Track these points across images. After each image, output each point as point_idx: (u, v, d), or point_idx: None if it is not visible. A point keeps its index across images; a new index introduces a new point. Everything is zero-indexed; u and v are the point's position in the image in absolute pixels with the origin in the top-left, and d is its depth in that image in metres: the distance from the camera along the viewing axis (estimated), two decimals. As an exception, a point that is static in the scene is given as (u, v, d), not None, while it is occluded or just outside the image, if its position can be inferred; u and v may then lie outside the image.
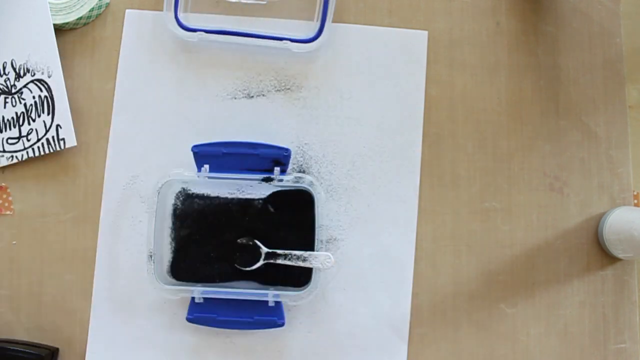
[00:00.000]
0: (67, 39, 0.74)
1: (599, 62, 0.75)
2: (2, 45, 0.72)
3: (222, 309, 0.69)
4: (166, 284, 0.70)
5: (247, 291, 0.70)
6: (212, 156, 0.70)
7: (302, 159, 0.74)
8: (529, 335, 0.73)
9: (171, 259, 0.72)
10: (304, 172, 0.73)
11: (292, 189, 0.71)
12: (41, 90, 0.72)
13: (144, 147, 0.73)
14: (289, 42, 0.72)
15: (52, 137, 0.72)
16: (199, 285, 0.71)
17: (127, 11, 0.75)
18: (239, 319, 0.69)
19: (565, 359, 0.73)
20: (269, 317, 0.69)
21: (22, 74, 0.72)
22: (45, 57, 0.72)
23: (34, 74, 0.72)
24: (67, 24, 0.73)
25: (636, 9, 0.77)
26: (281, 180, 0.70)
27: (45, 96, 0.72)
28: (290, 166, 0.72)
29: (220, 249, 0.71)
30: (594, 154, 0.75)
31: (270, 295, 0.69)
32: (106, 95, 0.74)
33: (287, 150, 0.70)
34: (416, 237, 0.73)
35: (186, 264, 0.72)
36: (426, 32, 0.75)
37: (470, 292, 0.73)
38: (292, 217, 0.71)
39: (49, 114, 0.72)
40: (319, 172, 0.74)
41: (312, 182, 0.69)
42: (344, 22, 0.75)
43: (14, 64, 0.72)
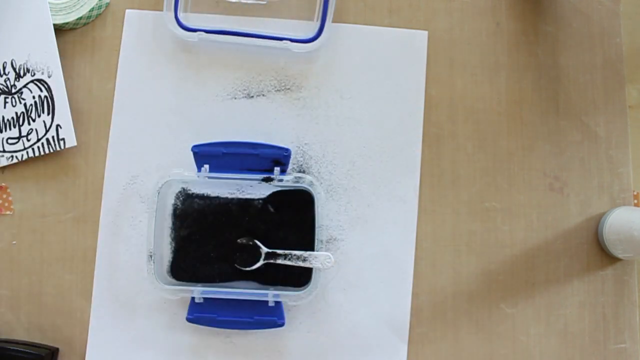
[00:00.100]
0: (67, 39, 0.74)
1: (599, 62, 0.75)
2: (2, 45, 0.72)
3: (222, 309, 0.69)
4: (166, 284, 0.70)
5: (247, 291, 0.70)
6: (212, 156, 0.70)
7: (302, 159, 0.74)
8: (529, 335, 0.73)
9: (171, 259, 0.72)
10: (304, 172, 0.73)
11: (292, 189, 0.71)
12: (41, 90, 0.72)
13: (144, 147, 0.73)
14: (289, 42, 0.72)
15: (52, 137, 0.72)
16: (199, 285, 0.71)
17: (127, 11, 0.75)
18: (239, 319, 0.69)
19: (565, 359, 0.73)
20: (269, 317, 0.69)
21: (22, 74, 0.72)
22: (45, 57, 0.72)
23: (34, 74, 0.72)
24: (67, 24, 0.73)
25: (636, 9, 0.77)
26: (281, 180, 0.70)
27: (45, 96, 0.72)
28: (290, 166, 0.72)
29: (220, 249, 0.71)
30: (594, 154, 0.75)
31: (270, 295, 0.69)
32: (106, 95, 0.74)
33: (287, 150, 0.70)
34: (416, 237, 0.73)
35: (186, 264, 0.72)
36: (426, 32, 0.75)
37: (470, 292, 0.73)
38: (292, 217, 0.71)
39: (49, 114, 0.72)
40: (319, 172, 0.74)
41: (312, 182, 0.69)
42: (344, 22, 0.75)
43: (14, 64, 0.72)
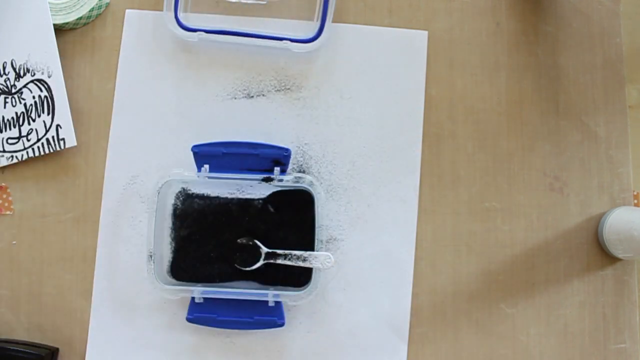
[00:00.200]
0: (67, 39, 0.74)
1: (599, 62, 0.75)
2: (2, 45, 0.72)
3: (222, 309, 0.69)
4: (166, 284, 0.70)
5: (247, 291, 0.70)
6: (212, 156, 0.70)
7: (302, 159, 0.74)
8: (529, 335, 0.73)
9: (171, 259, 0.72)
10: (304, 172, 0.73)
11: (292, 189, 0.71)
12: (41, 90, 0.72)
13: (144, 147, 0.73)
14: (289, 42, 0.72)
15: (52, 137, 0.72)
16: (199, 285, 0.71)
17: (127, 11, 0.75)
18: (239, 319, 0.69)
19: (565, 359, 0.73)
20: (269, 317, 0.69)
21: (22, 74, 0.72)
22: (45, 57, 0.72)
23: (34, 74, 0.72)
24: (67, 24, 0.73)
25: (636, 9, 0.77)
26: (281, 180, 0.70)
27: (45, 96, 0.72)
28: (290, 166, 0.72)
29: (220, 249, 0.71)
30: (594, 154, 0.75)
31: (270, 295, 0.69)
32: (106, 95, 0.74)
33: (287, 150, 0.70)
34: (416, 237, 0.73)
35: (186, 264, 0.72)
36: (426, 32, 0.75)
37: (470, 292, 0.73)
38: (292, 217, 0.71)
39: (49, 114, 0.72)
40: (319, 172, 0.74)
41: (312, 182, 0.69)
42: (344, 22, 0.75)
43: (14, 64, 0.72)
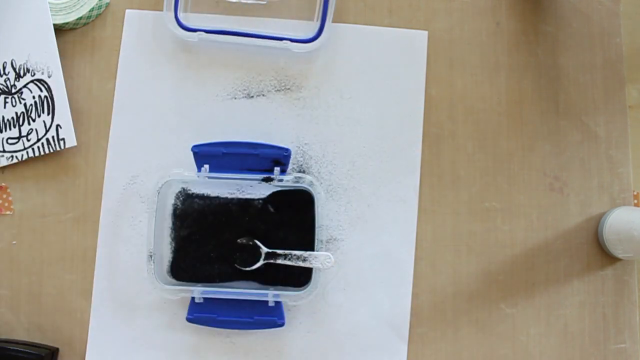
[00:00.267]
0: (67, 39, 0.74)
1: (599, 62, 0.75)
2: (2, 45, 0.72)
3: (222, 309, 0.69)
4: (166, 284, 0.70)
5: (247, 291, 0.70)
6: (212, 156, 0.70)
7: (302, 159, 0.74)
8: (529, 335, 0.73)
9: (171, 259, 0.72)
10: (304, 172, 0.73)
11: (292, 189, 0.71)
12: (41, 90, 0.72)
13: (144, 147, 0.73)
14: (289, 42, 0.72)
15: (52, 137, 0.72)
16: (199, 285, 0.71)
17: (127, 11, 0.75)
18: (239, 319, 0.69)
19: (565, 359, 0.73)
20: (269, 317, 0.69)
21: (22, 74, 0.72)
22: (45, 57, 0.72)
23: (34, 74, 0.72)
24: (67, 24, 0.73)
25: (636, 9, 0.77)
26: (281, 180, 0.70)
27: (45, 96, 0.72)
28: (290, 166, 0.72)
29: (220, 249, 0.71)
30: (594, 154, 0.75)
31: (270, 295, 0.69)
32: (106, 95, 0.74)
33: (287, 150, 0.70)
34: (416, 237, 0.73)
35: (186, 264, 0.72)
36: (426, 32, 0.75)
37: (470, 292, 0.73)
38: (292, 217, 0.71)
39: (49, 114, 0.72)
40: (319, 172, 0.74)
41: (312, 182, 0.69)
42: (344, 22, 0.75)
43: (14, 64, 0.72)
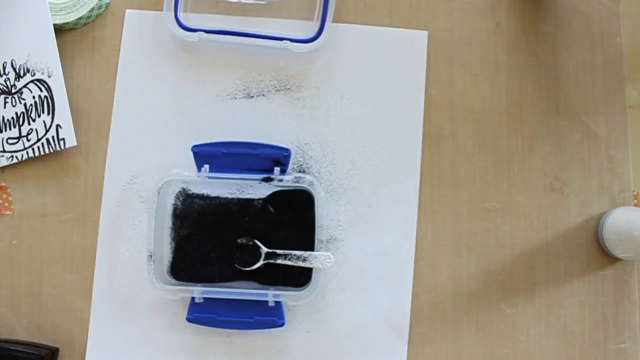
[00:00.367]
0: (67, 39, 0.74)
1: (599, 62, 0.75)
2: (2, 45, 0.72)
3: (222, 309, 0.69)
4: (166, 284, 0.70)
5: (247, 291, 0.70)
6: (212, 156, 0.70)
7: (302, 159, 0.74)
8: (529, 335, 0.73)
9: (171, 259, 0.72)
10: (304, 172, 0.73)
11: (292, 189, 0.71)
12: (41, 90, 0.72)
13: (144, 147, 0.73)
14: (289, 42, 0.72)
15: (52, 137, 0.72)
16: (199, 285, 0.71)
17: (127, 11, 0.75)
18: (239, 319, 0.69)
19: (565, 359, 0.73)
20: (269, 317, 0.69)
21: (22, 74, 0.72)
22: (45, 57, 0.72)
23: (34, 74, 0.72)
24: (67, 24, 0.73)
25: (636, 9, 0.77)
26: (281, 180, 0.70)
27: (45, 96, 0.72)
28: (290, 166, 0.72)
29: (220, 249, 0.71)
30: (594, 154, 0.75)
31: (270, 295, 0.69)
32: (106, 95, 0.74)
33: (287, 150, 0.70)
34: (416, 237, 0.73)
35: (186, 264, 0.72)
36: (426, 32, 0.75)
37: (470, 292, 0.73)
38: (292, 217, 0.71)
39: (49, 114, 0.72)
40: (319, 172, 0.74)
41: (312, 182, 0.69)
42: (344, 22, 0.75)
43: (14, 64, 0.72)
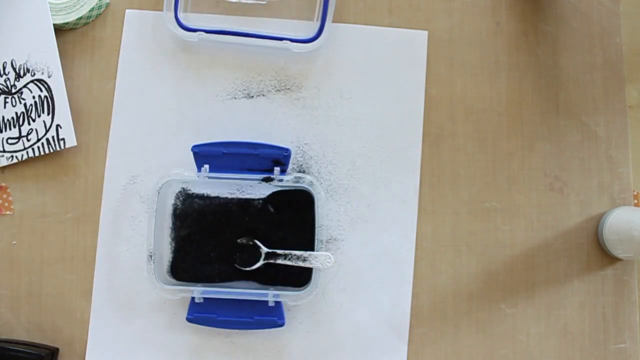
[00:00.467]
0: (67, 39, 0.74)
1: (599, 62, 0.75)
2: (2, 45, 0.72)
3: (222, 309, 0.69)
4: (166, 284, 0.70)
5: (247, 291, 0.70)
6: (212, 156, 0.70)
7: (302, 159, 0.74)
8: (529, 335, 0.73)
9: (171, 259, 0.72)
10: (304, 172, 0.73)
11: (292, 189, 0.71)
12: (41, 90, 0.72)
13: (144, 147, 0.73)
14: (289, 42, 0.72)
15: (52, 137, 0.72)
16: (199, 285, 0.71)
17: (127, 11, 0.75)
18: (239, 319, 0.69)
19: (565, 359, 0.73)
20: (269, 317, 0.69)
21: (22, 74, 0.72)
22: (45, 57, 0.72)
23: (34, 74, 0.72)
24: (67, 24, 0.73)
25: (636, 9, 0.77)
26: (281, 180, 0.70)
27: (45, 96, 0.72)
28: (290, 166, 0.72)
29: (220, 249, 0.71)
30: (594, 154, 0.75)
31: (270, 295, 0.69)
32: (106, 95, 0.74)
33: (287, 150, 0.70)
34: (416, 237, 0.73)
35: (186, 264, 0.72)
36: (426, 32, 0.75)
37: (470, 292, 0.73)
38: (292, 217, 0.71)
39: (49, 114, 0.72)
40: (319, 172, 0.74)
41: (312, 182, 0.69)
42: (344, 22, 0.75)
43: (14, 64, 0.72)
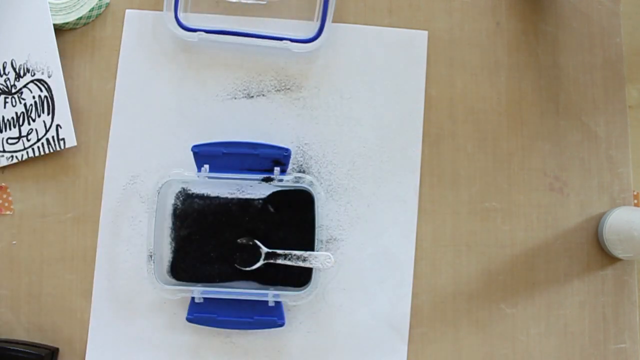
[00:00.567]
0: (67, 39, 0.74)
1: (599, 62, 0.75)
2: (2, 45, 0.72)
3: (222, 309, 0.69)
4: (166, 284, 0.70)
5: (247, 291, 0.70)
6: (212, 156, 0.70)
7: (302, 159, 0.74)
8: (529, 335, 0.73)
9: (171, 259, 0.72)
10: (304, 172, 0.73)
11: (292, 189, 0.71)
12: (41, 90, 0.72)
13: (144, 147, 0.73)
14: (289, 42, 0.72)
15: (52, 137, 0.72)
16: (199, 285, 0.71)
17: (127, 11, 0.75)
18: (239, 319, 0.69)
19: (565, 359, 0.73)
20: (269, 317, 0.69)
21: (22, 74, 0.72)
22: (45, 57, 0.72)
23: (34, 74, 0.72)
24: (67, 24, 0.73)
25: (636, 9, 0.77)
26: (281, 180, 0.70)
27: (45, 96, 0.72)
28: (290, 166, 0.72)
29: (220, 249, 0.71)
30: (594, 154, 0.75)
31: (270, 295, 0.69)
32: (106, 95, 0.74)
33: (287, 150, 0.70)
34: (416, 237, 0.73)
35: (186, 264, 0.72)
36: (426, 32, 0.75)
37: (470, 292, 0.73)
38: (292, 217, 0.71)
39: (49, 114, 0.72)
40: (319, 172, 0.74)
41: (312, 182, 0.69)
42: (344, 22, 0.75)
43: (14, 64, 0.72)
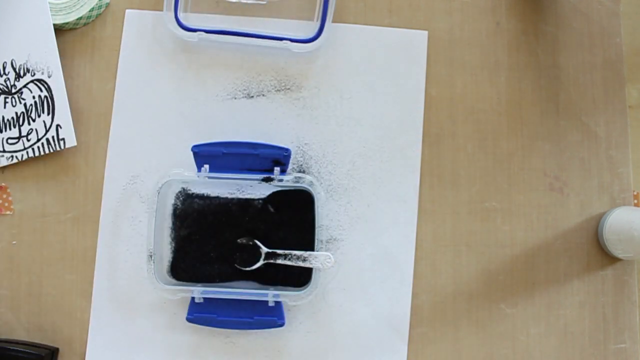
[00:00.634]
0: (67, 39, 0.74)
1: (599, 62, 0.75)
2: (2, 45, 0.72)
3: (222, 309, 0.69)
4: (166, 284, 0.70)
5: (247, 291, 0.70)
6: (212, 156, 0.70)
7: (302, 159, 0.74)
8: (529, 335, 0.73)
9: (171, 259, 0.72)
10: (304, 172, 0.73)
11: (292, 189, 0.71)
12: (41, 90, 0.72)
13: (144, 147, 0.73)
14: (289, 42, 0.72)
15: (52, 137, 0.72)
16: (199, 285, 0.71)
17: (127, 11, 0.75)
18: (239, 319, 0.69)
19: (565, 359, 0.73)
20: (269, 317, 0.69)
21: (22, 74, 0.72)
22: (45, 57, 0.72)
23: (34, 74, 0.72)
24: (67, 24, 0.73)
25: (636, 9, 0.77)
26: (281, 180, 0.70)
27: (45, 96, 0.72)
28: (290, 166, 0.72)
29: (220, 249, 0.71)
30: (594, 154, 0.75)
31: (270, 295, 0.69)
32: (106, 95, 0.74)
33: (287, 150, 0.70)
34: (416, 237, 0.73)
35: (186, 264, 0.72)
36: (426, 32, 0.75)
37: (470, 292, 0.73)
38: (292, 217, 0.71)
39: (49, 114, 0.72)
40: (319, 172, 0.74)
41: (312, 182, 0.69)
42: (344, 22, 0.75)
43: (14, 64, 0.72)
